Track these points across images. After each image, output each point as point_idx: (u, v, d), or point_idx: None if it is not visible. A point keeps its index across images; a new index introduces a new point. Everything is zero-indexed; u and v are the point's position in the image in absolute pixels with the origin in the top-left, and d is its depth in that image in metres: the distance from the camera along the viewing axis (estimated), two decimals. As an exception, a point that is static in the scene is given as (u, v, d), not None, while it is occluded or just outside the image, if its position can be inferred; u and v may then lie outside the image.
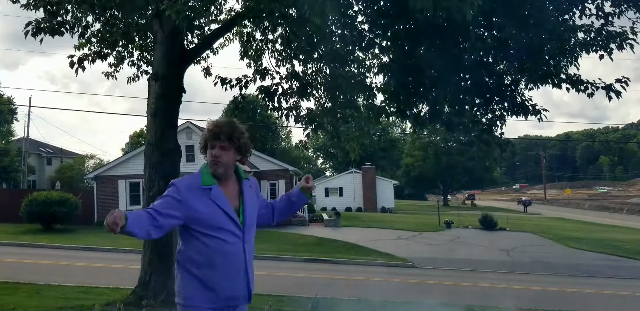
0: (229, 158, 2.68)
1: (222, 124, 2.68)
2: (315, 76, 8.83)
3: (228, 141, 2.65)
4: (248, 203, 2.75)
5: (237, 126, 2.70)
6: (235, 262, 2.66)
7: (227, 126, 2.67)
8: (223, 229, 2.63)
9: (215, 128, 2.67)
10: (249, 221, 2.74)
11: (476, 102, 8.16)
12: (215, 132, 2.65)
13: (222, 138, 2.64)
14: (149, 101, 7.69)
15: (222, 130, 2.65)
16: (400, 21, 7.22)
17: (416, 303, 8.55)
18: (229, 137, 2.65)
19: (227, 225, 2.65)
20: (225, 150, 2.65)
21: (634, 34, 7.14)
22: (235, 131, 2.67)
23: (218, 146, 2.65)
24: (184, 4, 5.38)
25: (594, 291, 13.00)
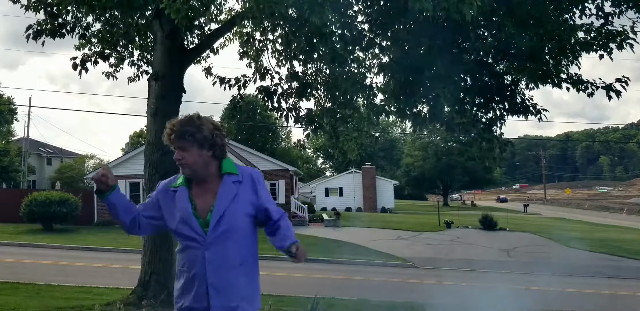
0: (193, 157, 2.43)
1: (173, 124, 2.46)
2: (315, 76, 8.83)
3: (182, 140, 2.42)
4: (220, 202, 2.41)
5: (190, 121, 2.45)
6: (194, 271, 2.40)
7: (178, 125, 2.44)
8: (183, 235, 2.43)
9: (167, 131, 2.46)
10: (219, 222, 2.39)
11: (476, 102, 8.16)
12: (168, 134, 2.45)
13: (173, 139, 2.44)
14: (149, 101, 7.69)
15: (173, 131, 2.44)
16: (400, 21, 7.22)
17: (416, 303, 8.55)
18: (180, 137, 2.41)
19: (184, 230, 2.42)
20: (185, 150, 2.42)
21: (634, 33, 7.13)
22: (187, 127, 2.42)
23: (176, 149, 2.44)
24: (183, 3, 5.37)
25: (594, 291, 12.99)
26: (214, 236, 2.39)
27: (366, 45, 7.82)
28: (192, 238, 2.41)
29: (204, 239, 2.39)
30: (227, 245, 2.41)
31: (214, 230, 2.39)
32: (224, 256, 2.40)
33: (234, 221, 2.41)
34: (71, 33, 8.18)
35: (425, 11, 5.22)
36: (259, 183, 2.52)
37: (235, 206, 2.42)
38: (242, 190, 2.46)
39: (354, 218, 31.60)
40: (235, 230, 2.42)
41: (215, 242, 2.39)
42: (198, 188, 2.48)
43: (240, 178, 2.48)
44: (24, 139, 41.00)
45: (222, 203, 2.41)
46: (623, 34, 7.13)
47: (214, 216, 2.40)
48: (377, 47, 8.05)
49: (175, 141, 2.43)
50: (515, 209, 53.58)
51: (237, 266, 2.42)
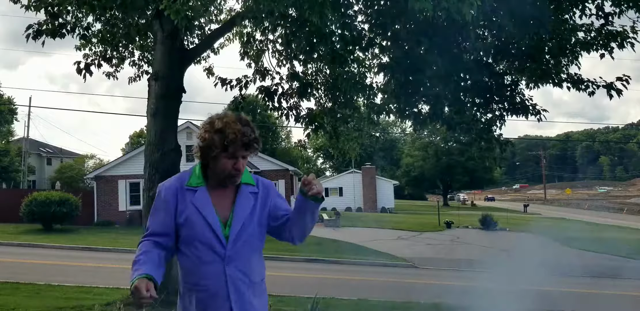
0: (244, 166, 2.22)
1: (249, 131, 2.14)
2: (316, 76, 8.83)
3: (252, 149, 2.17)
4: (239, 212, 2.18)
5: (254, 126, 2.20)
6: (213, 290, 2.12)
7: (253, 132, 2.15)
8: (200, 243, 2.13)
9: (243, 137, 2.11)
10: (239, 235, 2.15)
11: (476, 102, 8.17)
12: (245, 142, 2.12)
13: (251, 150, 2.16)
14: (149, 101, 7.69)
15: (252, 139, 2.14)
16: (400, 21, 7.22)
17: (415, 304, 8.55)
18: (252, 145, 2.16)
19: (205, 237, 2.13)
20: (245, 158, 2.19)
21: (635, 32, 7.14)
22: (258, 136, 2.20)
23: (241, 157, 2.16)
24: (183, 4, 5.37)
25: (594, 292, 12.99)
26: (235, 249, 2.15)
27: (366, 45, 7.82)
28: (212, 248, 2.13)
29: (224, 251, 2.13)
30: (247, 260, 2.18)
31: (234, 242, 2.15)
32: (245, 273, 2.16)
33: (251, 234, 2.20)
34: (71, 33, 8.17)
35: (425, 11, 5.21)
36: (273, 190, 2.33)
37: (252, 218, 2.21)
38: (259, 201, 2.26)
39: (354, 218, 31.59)
40: (252, 243, 2.20)
41: (236, 256, 2.15)
42: (215, 191, 2.22)
43: (257, 189, 2.28)
44: (24, 139, 41.00)
45: (241, 213, 2.19)
46: (623, 34, 7.13)
47: (234, 226, 2.16)
48: (377, 47, 8.06)
49: (249, 148, 2.15)
50: (515, 209, 53.57)
51: (258, 283, 2.22)
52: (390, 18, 7.15)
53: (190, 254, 2.15)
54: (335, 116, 9.03)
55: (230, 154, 2.13)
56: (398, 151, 69.83)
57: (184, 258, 2.18)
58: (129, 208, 25.07)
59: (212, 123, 2.15)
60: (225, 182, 2.20)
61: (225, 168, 2.16)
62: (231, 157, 2.14)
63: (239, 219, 2.17)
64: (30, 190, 26.31)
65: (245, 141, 2.12)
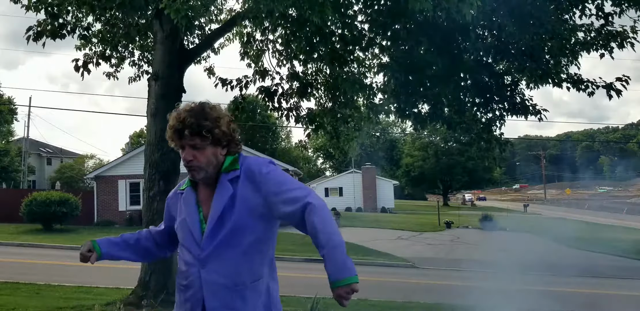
0: (207, 157, 1.97)
1: (181, 117, 1.95)
2: (316, 75, 8.83)
3: (196, 137, 1.94)
4: (215, 206, 1.96)
5: (205, 111, 1.96)
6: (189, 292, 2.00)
7: (190, 117, 1.94)
8: (182, 245, 2.06)
9: (176, 123, 1.96)
10: (213, 232, 1.95)
11: (476, 101, 8.17)
12: (178, 129, 1.95)
13: (186, 135, 1.95)
14: (149, 101, 7.69)
15: (183, 124, 1.94)
16: (400, 21, 7.23)
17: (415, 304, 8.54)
18: (194, 132, 1.94)
19: (185, 239, 2.03)
20: (198, 149, 1.97)
21: (635, 32, 7.14)
22: (203, 119, 1.93)
23: (187, 146, 1.98)
24: (183, 3, 5.37)
25: (594, 292, 12.99)
26: (210, 250, 1.94)
27: (366, 45, 7.82)
28: (189, 249, 2.01)
29: (200, 252, 1.96)
30: (229, 259, 1.94)
31: (208, 242, 1.94)
32: (225, 275, 1.93)
33: (237, 227, 1.94)
34: (71, 34, 8.17)
35: (425, 11, 5.22)
36: (260, 174, 1.97)
37: (232, 210, 1.94)
38: (243, 187, 1.96)
39: (354, 218, 31.59)
40: (236, 239, 1.94)
41: (213, 257, 1.94)
42: (204, 190, 2.06)
43: (237, 172, 1.99)
44: (24, 139, 40.99)
45: (216, 207, 1.96)
46: (623, 34, 7.14)
47: (208, 224, 1.96)
48: (377, 47, 8.06)
49: (187, 137, 1.95)
50: (515, 209, 53.57)
51: (249, 285, 1.95)
52: (390, 18, 7.15)
53: (179, 257, 2.11)
54: (335, 115, 9.04)
55: (175, 144, 2.03)
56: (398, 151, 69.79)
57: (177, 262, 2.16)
58: (129, 208, 25.06)
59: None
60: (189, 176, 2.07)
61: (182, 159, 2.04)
62: (179, 148, 2.03)
63: (214, 214, 1.96)
64: (30, 190, 26.31)
65: (177, 127, 1.95)
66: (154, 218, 7.31)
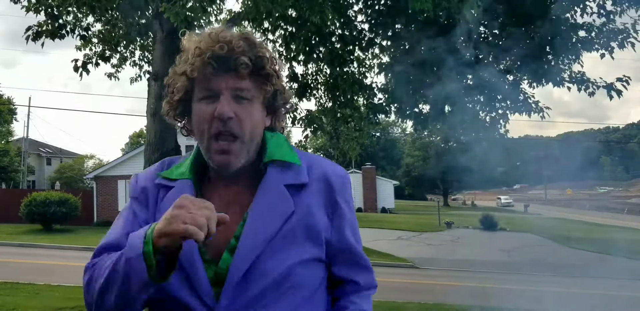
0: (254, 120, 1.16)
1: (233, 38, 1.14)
2: (315, 75, 8.82)
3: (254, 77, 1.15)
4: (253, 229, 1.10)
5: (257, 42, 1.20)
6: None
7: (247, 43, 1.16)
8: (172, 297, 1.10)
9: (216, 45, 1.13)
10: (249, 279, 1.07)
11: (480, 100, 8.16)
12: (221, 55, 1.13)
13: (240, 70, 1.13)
14: (149, 100, 7.66)
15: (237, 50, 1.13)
16: (401, 21, 7.21)
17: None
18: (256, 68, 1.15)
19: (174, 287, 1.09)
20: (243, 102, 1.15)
21: (636, 32, 7.12)
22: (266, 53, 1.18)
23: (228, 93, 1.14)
24: (182, 7, 5.35)
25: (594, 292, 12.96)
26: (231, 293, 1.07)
27: (366, 45, 7.80)
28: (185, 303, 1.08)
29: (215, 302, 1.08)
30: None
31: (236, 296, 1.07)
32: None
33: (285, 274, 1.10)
34: (71, 34, 8.16)
35: (425, 11, 5.20)
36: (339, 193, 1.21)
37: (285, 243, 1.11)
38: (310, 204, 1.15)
39: (354, 218, 31.52)
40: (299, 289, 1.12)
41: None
42: (214, 189, 1.19)
43: (305, 177, 1.18)
44: (24, 139, 41.00)
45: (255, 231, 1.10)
46: (625, 32, 7.11)
47: (236, 264, 1.08)
48: (377, 47, 8.04)
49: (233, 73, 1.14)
50: (515, 210, 53.55)
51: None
52: (390, 18, 7.13)
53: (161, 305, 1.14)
54: (335, 115, 9.02)
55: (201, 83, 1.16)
56: (398, 151, 69.79)
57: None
58: (128, 208, 25.07)
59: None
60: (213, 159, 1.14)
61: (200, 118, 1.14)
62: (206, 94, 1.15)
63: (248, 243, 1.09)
64: (29, 190, 26.30)
65: (220, 51, 1.12)
66: (154, 218, 7.29)
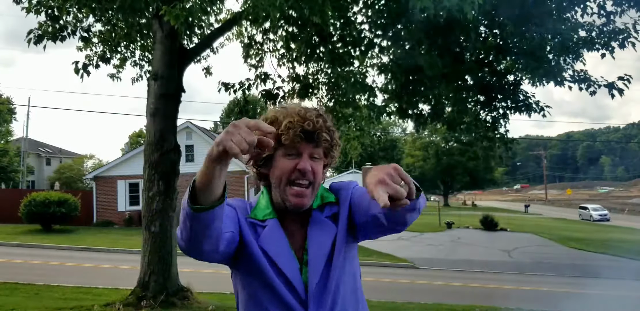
0: (321, 174, 1.54)
1: (315, 115, 1.50)
2: (317, 75, 8.80)
3: (324, 145, 1.51)
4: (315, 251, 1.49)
5: (327, 117, 1.55)
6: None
7: (324, 121, 1.51)
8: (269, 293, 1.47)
9: (304, 122, 1.46)
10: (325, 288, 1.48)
11: (480, 100, 8.14)
12: (308, 131, 1.47)
13: (320, 143, 1.50)
14: (149, 100, 7.66)
15: (318, 128, 1.48)
16: (401, 21, 7.19)
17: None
18: (328, 139, 1.51)
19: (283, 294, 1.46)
20: (317, 161, 1.51)
21: (636, 32, 7.11)
22: (333, 128, 1.55)
23: (307, 154, 1.49)
24: (182, 9, 5.34)
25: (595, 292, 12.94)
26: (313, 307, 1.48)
27: (366, 47, 7.78)
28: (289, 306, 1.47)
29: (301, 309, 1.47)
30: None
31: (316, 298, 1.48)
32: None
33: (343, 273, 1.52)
34: (72, 36, 8.15)
35: (426, 10, 5.18)
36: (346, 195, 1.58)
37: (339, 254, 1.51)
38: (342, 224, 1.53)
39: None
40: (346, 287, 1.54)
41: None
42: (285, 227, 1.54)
43: (336, 207, 1.56)
44: (23, 139, 40.96)
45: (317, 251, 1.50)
46: (625, 32, 7.10)
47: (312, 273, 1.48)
48: (377, 48, 8.02)
49: (313, 143, 1.49)
50: (516, 210, 53.57)
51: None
52: (390, 18, 7.11)
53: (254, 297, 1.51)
54: (336, 115, 9.00)
55: (288, 148, 1.48)
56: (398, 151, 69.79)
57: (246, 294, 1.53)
58: (128, 208, 25.04)
59: (266, 116, 1.56)
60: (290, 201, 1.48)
61: (283, 169, 1.48)
62: (291, 153, 1.48)
63: (317, 261, 1.48)
64: (29, 190, 26.28)
65: (307, 127, 1.45)
66: (154, 218, 7.28)
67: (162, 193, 7.32)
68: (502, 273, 15.40)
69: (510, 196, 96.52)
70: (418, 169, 60.52)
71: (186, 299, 7.28)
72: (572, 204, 67.57)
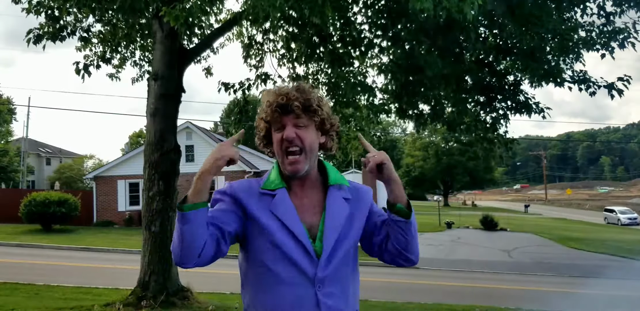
0: (311, 138, 1.72)
1: (287, 90, 1.70)
2: (317, 75, 8.80)
3: (304, 112, 1.69)
4: (332, 222, 1.68)
5: (308, 89, 1.73)
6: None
7: (295, 92, 1.69)
8: (285, 258, 1.63)
9: (279, 98, 1.68)
10: (333, 252, 1.65)
11: (479, 101, 8.14)
12: (282, 103, 1.67)
13: (292, 110, 1.67)
14: (149, 100, 7.66)
15: (292, 98, 1.67)
16: (400, 22, 7.19)
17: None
18: (304, 107, 1.68)
19: (291, 252, 1.63)
20: (302, 127, 1.70)
21: (636, 32, 7.11)
22: (309, 97, 1.70)
23: (290, 124, 1.68)
24: (182, 10, 5.34)
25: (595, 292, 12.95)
26: (330, 270, 1.64)
27: (365, 48, 7.78)
28: (296, 265, 1.62)
29: (315, 271, 1.63)
30: (346, 285, 1.69)
31: (328, 261, 1.64)
32: (340, 298, 1.65)
33: (348, 251, 1.70)
34: (72, 36, 8.15)
35: (426, 11, 5.18)
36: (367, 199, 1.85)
37: (347, 232, 1.71)
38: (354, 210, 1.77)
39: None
40: (349, 264, 1.71)
41: (332, 280, 1.65)
42: (296, 194, 1.74)
43: (349, 194, 1.80)
44: (23, 139, 40.96)
45: (334, 222, 1.69)
46: (625, 32, 7.10)
47: (327, 240, 1.65)
48: (377, 48, 8.03)
49: (292, 113, 1.68)
50: (516, 210, 53.58)
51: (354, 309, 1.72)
52: (390, 19, 7.11)
53: (264, 270, 1.65)
54: (337, 115, 9.00)
55: (274, 123, 1.70)
56: (398, 151, 69.78)
57: (255, 274, 1.67)
58: (128, 208, 25.05)
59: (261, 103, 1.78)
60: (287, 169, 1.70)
61: (276, 142, 1.70)
62: (277, 127, 1.70)
63: (332, 231, 1.67)
64: (29, 190, 26.28)
65: (281, 101, 1.67)
66: (154, 218, 7.29)
67: (162, 193, 7.33)
68: (502, 273, 15.41)
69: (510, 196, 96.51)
70: (418, 169, 60.52)
71: (186, 299, 7.29)
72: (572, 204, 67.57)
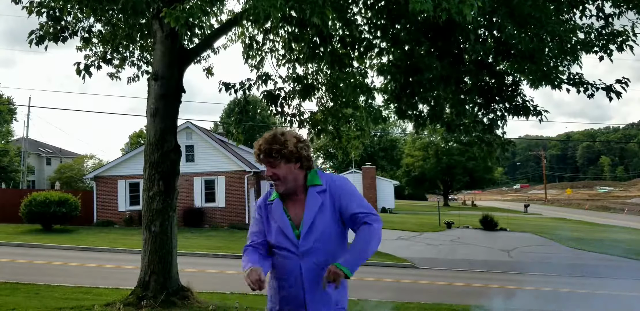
0: (283, 171, 2.56)
1: (260, 144, 2.57)
2: (317, 75, 8.81)
3: (270, 157, 2.54)
4: (307, 212, 2.55)
5: (275, 137, 2.55)
6: (292, 280, 2.56)
7: (264, 144, 2.55)
8: (280, 246, 2.57)
9: (255, 151, 2.60)
10: (309, 232, 2.53)
11: (477, 102, 8.15)
12: (257, 154, 2.60)
13: (262, 158, 2.58)
14: (149, 101, 7.68)
15: (260, 150, 2.57)
16: (400, 23, 7.20)
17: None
18: (268, 154, 2.54)
19: (282, 242, 2.57)
20: (274, 166, 2.56)
21: (635, 34, 7.12)
22: (273, 143, 2.53)
23: (267, 165, 2.58)
24: (182, 11, 5.36)
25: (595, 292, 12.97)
26: (307, 246, 2.52)
27: (365, 49, 7.79)
28: (287, 248, 2.54)
29: (297, 248, 2.53)
30: (325, 253, 2.52)
31: (305, 239, 2.53)
32: (319, 261, 2.51)
33: (324, 230, 2.53)
34: (73, 36, 8.16)
35: (425, 12, 5.19)
36: (341, 189, 2.59)
37: (322, 216, 2.53)
38: (327, 198, 2.56)
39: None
40: (326, 239, 2.54)
41: (309, 252, 2.53)
42: (290, 200, 2.62)
43: (325, 186, 2.59)
44: (24, 139, 40.98)
45: (310, 213, 2.53)
46: (624, 34, 7.11)
47: (304, 226, 2.52)
48: (377, 49, 8.04)
49: (264, 159, 2.56)
50: (515, 210, 53.59)
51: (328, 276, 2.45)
52: (390, 20, 7.12)
53: (276, 253, 2.60)
54: (337, 115, 9.01)
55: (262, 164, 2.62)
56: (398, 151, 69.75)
57: (274, 257, 2.62)
58: (128, 208, 25.05)
59: None
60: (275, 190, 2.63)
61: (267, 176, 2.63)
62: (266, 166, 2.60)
63: (308, 217, 2.53)
64: (29, 190, 26.30)
65: (257, 152, 2.58)
66: (154, 218, 7.31)
67: (162, 193, 7.35)
68: (502, 273, 15.42)
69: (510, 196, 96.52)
70: (418, 169, 60.51)
71: (186, 299, 7.31)
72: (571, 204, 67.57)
